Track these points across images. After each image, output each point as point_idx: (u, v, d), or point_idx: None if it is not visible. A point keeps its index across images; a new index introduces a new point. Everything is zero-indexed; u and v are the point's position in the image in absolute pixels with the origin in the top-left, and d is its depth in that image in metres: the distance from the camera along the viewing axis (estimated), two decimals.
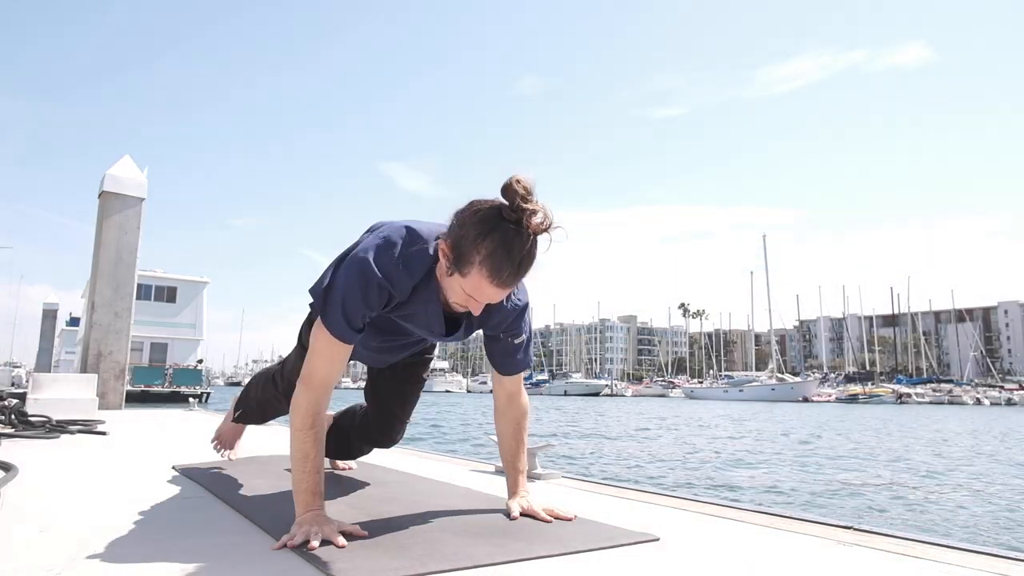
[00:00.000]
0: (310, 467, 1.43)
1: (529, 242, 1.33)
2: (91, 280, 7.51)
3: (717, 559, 1.32)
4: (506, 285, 1.36)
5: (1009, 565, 1.31)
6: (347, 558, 1.23)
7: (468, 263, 1.35)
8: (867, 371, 62.93)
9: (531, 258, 1.36)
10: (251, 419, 2.37)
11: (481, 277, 1.35)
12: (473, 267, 1.34)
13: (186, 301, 31.64)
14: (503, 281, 1.35)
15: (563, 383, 68.54)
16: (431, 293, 1.52)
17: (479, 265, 1.34)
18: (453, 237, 1.38)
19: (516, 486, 1.71)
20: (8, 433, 3.59)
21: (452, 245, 1.38)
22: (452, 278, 1.41)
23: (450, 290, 1.45)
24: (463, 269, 1.36)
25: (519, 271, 1.35)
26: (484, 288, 1.36)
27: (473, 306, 1.43)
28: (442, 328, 1.59)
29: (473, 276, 1.35)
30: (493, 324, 1.62)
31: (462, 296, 1.42)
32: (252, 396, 2.26)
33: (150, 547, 1.32)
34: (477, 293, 1.38)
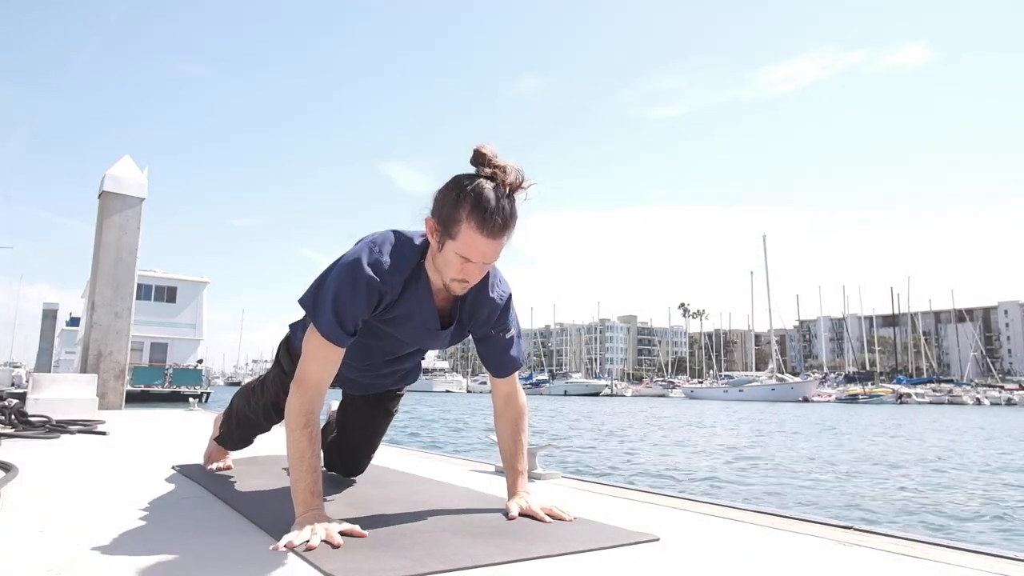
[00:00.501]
0: (306, 466, 1.43)
1: (507, 194, 1.41)
2: (91, 280, 7.51)
3: (717, 559, 1.32)
4: (496, 235, 1.40)
5: (1009, 565, 1.31)
6: (347, 558, 1.23)
7: (456, 222, 1.40)
8: (867, 371, 62.91)
9: (513, 210, 1.43)
10: (231, 442, 2.31)
11: (471, 230, 1.39)
12: (461, 224, 1.40)
13: (186, 301, 31.64)
14: (493, 230, 1.39)
15: (563, 383, 68.53)
16: (423, 287, 1.54)
17: (466, 220, 1.39)
18: (437, 209, 1.45)
19: (516, 486, 1.71)
20: (8, 433, 3.59)
21: (437, 216, 1.45)
22: (444, 250, 1.45)
23: (445, 265, 1.47)
24: (452, 230, 1.41)
25: (506, 221, 1.41)
26: (477, 242, 1.40)
27: (471, 271, 1.45)
28: (437, 323, 1.60)
29: (463, 233, 1.40)
30: (483, 319, 1.64)
31: (457, 265, 1.44)
32: (235, 413, 2.22)
33: (150, 547, 1.32)
34: (471, 251, 1.41)
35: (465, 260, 1.44)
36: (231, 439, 2.30)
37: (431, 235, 1.48)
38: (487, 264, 1.47)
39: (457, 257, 1.43)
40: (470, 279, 1.48)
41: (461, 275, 1.46)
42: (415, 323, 1.60)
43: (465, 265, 1.44)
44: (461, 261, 1.44)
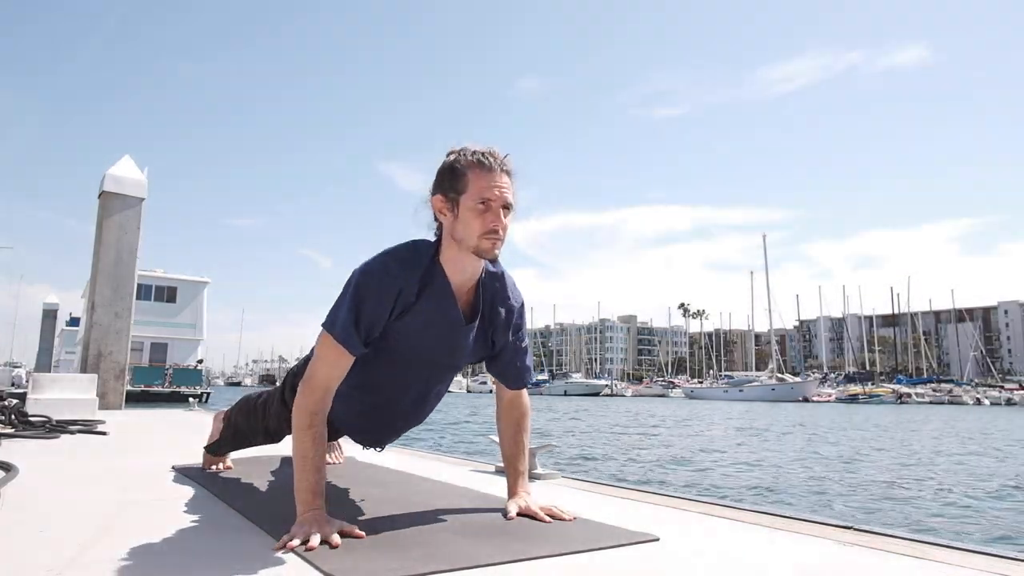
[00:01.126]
0: (310, 466, 1.43)
1: None
2: (91, 280, 7.51)
3: (717, 559, 1.32)
4: (502, 167, 1.46)
5: (1009, 565, 1.31)
6: (347, 558, 1.23)
7: (459, 176, 1.45)
8: (867, 371, 62.93)
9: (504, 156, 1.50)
10: (223, 450, 2.31)
11: (480, 174, 1.44)
12: (468, 174, 1.44)
13: (186, 301, 31.64)
14: (495, 164, 1.45)
15: (563, 383, 68.49)
16: (441, 283, 1.51)
17: (469, 168, 1.44)
18: (437, 184, 1.49)
19: (516, 487, 1.71)
20: (8, 433, 3.59)
21: (440, 187, 1.48)
22: (460, 211, 1.45)
23: (467, 228, 1.45)
24: (459, 185, 1.45)
25: (503, 158, 1.47)
26: (489, 183, 1.43)
27: (495, 219, 1.44)
28: (460, 317, 1.55)
29: (472, 180, 1.44)
30: (503, 318, 1.63)
31: (479, 218, 1.43)
32: (233, 425, 2.20)
33: (150, 547, 1.32)
34: (487, 190, 1.43)
35: (485, 207, 1.43)
36: (224, 447, 2.30)
37: (442, 211, 1.48)
38: (507, 207, 1.46)
39: (475, 207, 1.43)
40: (498, 227, 1.45)
41: (488, 226, 1.44)
42: (438, 322, 1.54)
43: (486, 213, 1.43)
44: (481, 210, 1.43)
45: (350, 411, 1.71)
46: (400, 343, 1.54)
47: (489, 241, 1.45)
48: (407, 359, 1.60)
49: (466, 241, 1.46)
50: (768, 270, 58.62)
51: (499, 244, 1.47)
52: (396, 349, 1.56)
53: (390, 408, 1.73)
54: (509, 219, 1.48)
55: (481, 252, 1.47)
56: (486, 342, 1.65)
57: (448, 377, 1.74)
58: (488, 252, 1.47)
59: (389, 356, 1.58)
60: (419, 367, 1.63)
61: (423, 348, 1.57)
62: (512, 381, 1.74)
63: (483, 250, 1.46)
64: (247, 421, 2.11)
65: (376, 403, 1.71)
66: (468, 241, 1.46)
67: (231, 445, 2.26)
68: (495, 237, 1.45)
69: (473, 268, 1.54)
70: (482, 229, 1.44)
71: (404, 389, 1.68)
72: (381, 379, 1.64)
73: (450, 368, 1.69)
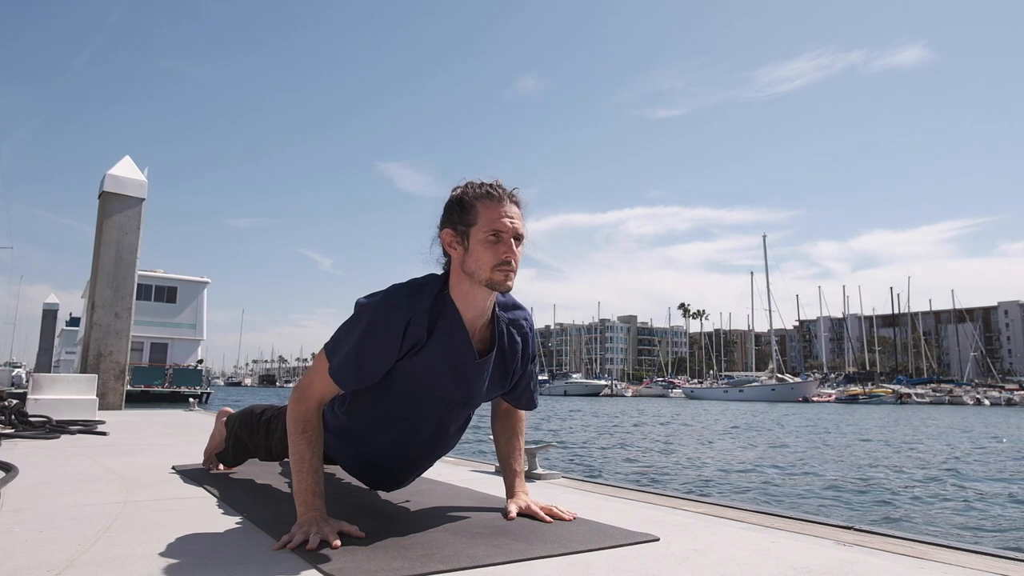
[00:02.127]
0: (307, 468, 1.43)
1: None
2: (91, 280, 7.51)
3: (717, 559, 1.32)
4: (511, 198, 1.45)
5: (1009, 565, 1.31)
6: (347, 558, 1.23)
7: (469, 209, 1.43)
8: (867, 371, 62.90)
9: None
10: (226, 461, 2.32)
11: (489, 205, 1.43)
12: (476, 206, 1.43)
13: (186, 301, 31.63)
14: (505, 196, 1.44)
15: (563, 383, 68.52)
16: (455, 319, 1.47)
17: (480, 201, 1.43)
18: (446, 218, 1.47)
19: (514, 487, 1.72)
20: (8, 433, 3.59)
21: (449, 221, 1.46)
22: (471, 245, 1.42)
23: (478, 261, 1.42)
24: (469, 218, 1.43)
25: (512, 190, 1.47)
26: (499, 213, 1.42)
27: (507, 250, 1.41)
28: (474, 353, 1.50)
29: (482, 211, 1.42)
30: (519, 347, 1.61)
31: (491, 250, 1.41)
32: (236, 437, 2.18)
33: (150, 547, 1.32)
34: (498, 221, 1.41)
35: (496, 238, 1.41)
36: (227, 459, 2.31)
37: (452, 245, 1.45)
38: (518, 237, 1.44)
39: (486, 239, 1.40)
40: (511, 259, 1.42)
41: (500, 258, 1.41)
42: (451, 358, 1.48)
43: (498, 245, 1.41)
44: (492, 242, 1.40)
45: (364, 452, 1.67)
46: (413, 381, 1.50)
47: (502, 273, 1.42)
48: (421, 397, 1.55)
49: (478, 274, 1.42)
50: (768, 270, 58.70)
51: (512, 276, 1.44)
52: (409, 388, 1.52)
53: (405, 448, 1.66)
54: (521, 250, 1.46)
55: (494, 285, 1.43)
56: (504, 376, 1.61)
57: (464, 415, 1.67)
58: (501, 284, 1.43)
59: (403, 395, 1.54)
60: (434, 406, 1.57)
61: (437, 386, 1.52)
62: (525, 405, 1.75)
63: (496, 282, 1.42)
64: (250, 437, 2.11)
65: (391, 442, 1.64)
66: (480, 274, 1.42)
67: (233, 456, 2.27)
68: (508, 268, 1.42)
69: (485, 302, 1.50)
70: (494, 261, 1.41)
71: (418, 428, 1.62)
72: (395, 418, 1.59)
73: (466, 406, 1.62)
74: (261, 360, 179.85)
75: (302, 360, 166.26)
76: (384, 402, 1.55)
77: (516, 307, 1.62)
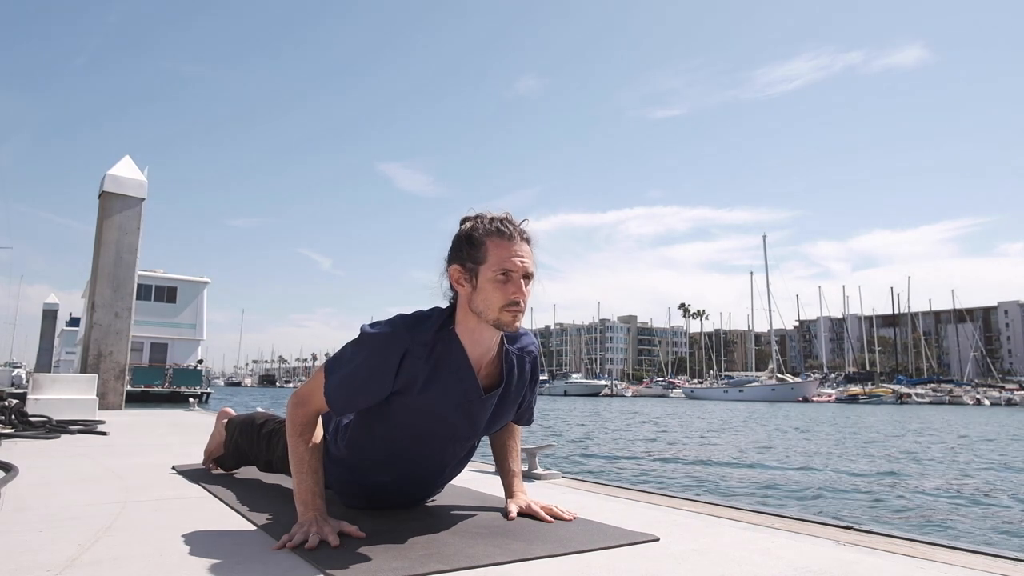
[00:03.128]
0: (307, 469, 1.44)
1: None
2: (91, 280, 7.51)
3: (717, 559, 1.32)
4: (521, 236, 1.42)
5: (1009, 565, 1.31)
6: (347, 558, 1.23)
7: (478, 246, 1.40)
8: (867, 371, 62.86)
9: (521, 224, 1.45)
10: (225, 466, 2.33)
11: (499, 243, 1.40)
12: (486, 243, 1.40)
13: (186, 301, 31.64)
14: (515, 233, 1.41)
15: (563, 383, 68.52)
16: (459, 355, 1.45)
17: (488, 238, 1.40)
18: (454, 254, 1.44)
19: (513, 487, 1.72)
20: (8, 433, 3.59)
21: (458, 258, 1.43)
22: (479, 283, 1.39)
23: (487, 301, 1.39)
24: (478, 255, 1.40)
25: (522, 226, 1.43)
26: (509, 252, 1.39)
27: (516, 289, 1.39)
28: (479, 390, 1.48)
29: (491, 250, 1.39)
30: (528, 379, 1.61)
31: (500, 289, 1.38)
32: (236, 444, 2.18)
33: (150, 547, 1.32)
34: (508, 261, 1.39)
35: (505, 278, 1.38)
36: (227, 463, 2.31)
37: (459, 282, 1.43)
38: (528, 276, 1.41)
39: (495, 279, 1.38)
40: (519, 298, 1.39)
41: (509, 298, 1.38)
42: (455, 394, 1.47)
43: (507, 284, 1.38)
44: (502, 282, 1.38)
45: (366, 487, 1.65)
46: (417, 416, 1.48)
47: (510, 314, 1.39)
48: (425, 433, 1.53)
49: (486, 313, 1.40)
50: (768, 270, 58.66)
51: (520, 316, 1.42)
52: (413, 423, 1.50)
53: (407, 483, 1.65)
54: (530, 288, 1.43)
55: (501, 325, 1.41)
56: (513, 405, 1.60)
57: (468, 446, 1.65)
58: (509, 325, 1.41)
59: (407, 431, 1.52)
60: (438, 441, 1.56)
61: (441, 421, 1.50)
62: (525, 422, 1.76)
63: (504, 323, 1.40)
64: (250, 447, 2.11)
65: (394, 478, 1.63)
66: (488, 314, 1.40)
67: (232, 463, 2.28)
68: (516, 309, 1.40)
69: (492, 340, 1.48)
70: (503, 301, 1.38)
71: (422, 463, 1.60)
72: (398, 453, 1.57)
73: (469, 439, 1.61)
74: (261, 360, 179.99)
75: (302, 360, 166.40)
76: (387, 437, 1.53)
77: (522, 334, 1.59)
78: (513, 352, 1.56)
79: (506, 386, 1.54)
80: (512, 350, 1.56)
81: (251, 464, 2.17)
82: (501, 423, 1.63)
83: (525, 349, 1.59)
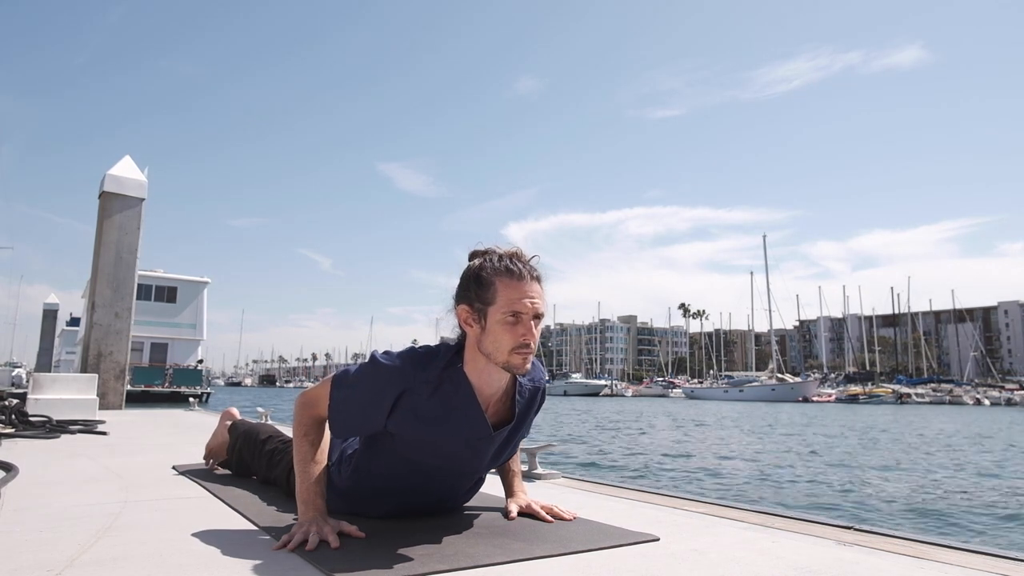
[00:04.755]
0: (309, 468, 1.45)
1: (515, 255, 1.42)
2: (91, 280, 7.51)
3: (717, 559, 1.32)
4: (531, 276, 1.39)
5: (1009, 565, 1.31)
6: (347, 558, 1.23)
7: (488, 286, 1.37)
8: (867, 371, 62.84)
9: (531, 262, 1.42)
10: (228, 468, 2.34)
11: (508, 284, 1.36)
12: (494, 285, 1.37)
13: (186, 301, 31.63)
14: (525, 273, 1.38)
15: (563, 383, 68.45)
16: (467, 394, 1.43)
17: (498, 278, 1.37)
18: (462, 294, 1.41)
19: (512, 487, 1.72)
20: (8, 433, 3.59)
21: (466, 298, 1.40)
22: (488, 324, 1.37)
23: (496, 343, 1.37)
24: (487, 296, 1.37)
25: (532, 265, 1.41)
26: (519, 294, 1.36)
27: (526, 331, 1.36)
28: (488, 429, 1.46)
29: (500, 290, 1.36)
30: (536, 408, 1.60)
31: (510, 331, 1.36)
32: (237, 452, 2.20)
33: (150, 547, 1.32)
34: (517, 302, 1.36)
35: (515, 319, 1.36)
36: (231, 468, 2.32)
37: (468, 323, 1.40)
38: (538, 317, 1.39)
39: (505, 321, 1.35)
40: (530, 340, 1.37)
41: (519, 340, 1.36)
42: (463, 432, 1.45)
43: (517, 326, 1.36)
44: (511, 323, 1.35)
45: (371, 513, 1.60)
46: (422, 450, 1.47)
47: (520, 356, 1.37)
48: (429, 466, 1.51)
49: (495, 356, 1.38)
50: (768, 270, 58.70)
51: (530, 358, 1.40)
52: (419, 457, 1.48)
53: (406, 513, 1.62)
54: (540, 328, 1.41)
55: (511, 368, 1.38)
56: (517, 441, 1.59)
57: (473, 480, 1.64)
58: (519, 368, 1.38)
59: (411, 464, 1.50)
60: (442, 474, 1.55)
61: (446, 456, 1.49)
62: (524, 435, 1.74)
63: (514, 366, 1.38)
64: (251, 460, 2.12)
65: (393, 506, 1.60)
66: (497, 356, 1.37)
67: (235, 470, 2.29)
68: (527, 351, 1.37)
69: (501, 380, 1.45)
70: (513, 343, 1.36)
71: (423, 495, 1.58)
72: (400, 483, 1.55)
73: (476, 473, 1.61)
74: (261, 360, 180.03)
75: (302, 360, 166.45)
76: (391, 467, 1.51)
77: (534, 367, 1.55)
78: (526, 387, 1.53)
79: (516, 423, 1.53)
80: (524, 383, 1.53)
81: (252, 475, 2.18)
82: (508, 456, 1.62)
83: (536, 380, 1.56)
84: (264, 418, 5.09)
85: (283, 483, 1.86)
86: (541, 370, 1.60)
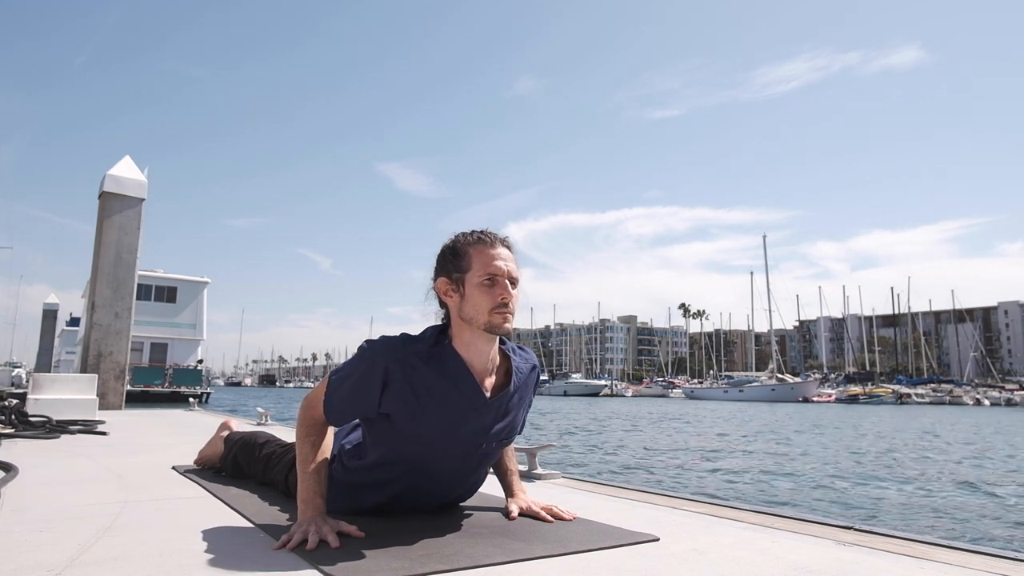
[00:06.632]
0: (310, 468, 1.45)
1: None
2: (91, 280, 7.51)
3: (717, 559, 1.32)
4: (502, 243, 1.49)
5: (1009, 565, 1.31)
6: (347, 558, 1.23)
7: (463, 256, 1.46)
8: (867, 371, 62.79)
9: None
10: (228, 473, 2.34)
11: (482, 250, 1.45)
12: (469, 252, 1.46)
13: (186, 301, 31.62)
14: (496, 241, 1.47)
15: (563, 383, 68.45)
16: (458, 366, 1.46)
17: (474, 248, 1.46)
18: (440, 268, 1.49)
19: (512, 487, 1.72)
20: (8, 433, 3.59)
21: (443, 270, 1.48)
22: (467, 291, 1.44)
23: (476, 306, 1.43)
24: (463, 264, 1.45)
25: (503, 237, 1.50)
26: (492, 257, 1.45)
27: (503, 292, 1.42)
28: (483, 397, 1.48)
29: (475, 256, 1.45)
30: (533, 379, 1.62)
31: (487, 293, 1.42)
32: (234, 457, 2.20)
33: (150, 547, 1.32)
34: (491, 265, 1.44)
35: (492, 281, 1.42)
36: (227, 472, 2.32)
37: (447, 294, 1.47)
38: (514, 278, 1.46)
39: (482, 284, 1.42)
40: (508, 300, 1.43)
41: (497, 300, 1.42)
42: (459, 405, 1.46)
43: (494, 288, 1.42)
44: (488, 286, 1.42)
45: (379, 501, 1.60)
46: (425, 423, 1.46)
47: (500, 315, 1.42)
48: (433, 446, 1.50)
49: (476, 319, 1.43)
50: (768, 270, 58.64)
51: (510, 318, 1.45)
52: (420, 436, 1.47)
53: (407, 500, 1.61)
54: (516, 293, 1.47)
55: (492, 328, 1.43)
56: (520, 413, 1.60)
57: (477, 461, 1.60)
58: (499, 327, 1.43)
59: (415, 444, 1.49)
60: (447, 455, 1.53)
61: (449, 426, 1.48)
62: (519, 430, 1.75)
63: (494, 325, 1.43)
64: (247, 464, 2.12)
65: (396, 492, 1.59)
66: (478, 319, 1.43)
67: (231, 472, 2.28)
68: (505, 311, 1.43)
69: (489, 349, 1.49)
70: (491, 304, 1.42)
71: (432, 477, 1.57)
72: (403, 472, 1.55)
73: (484, 454, 1.58)
74: (261, 360, 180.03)
75: (302, 360, 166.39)
76: (394, 457, 1.51)
77: (522, 349, 1.63)
78: (522, 366, 1.59)
79: (516, 393, 1.55)
80: (519, 362, 1.58)
81: (248, 478, 2.17)
82: (513, 431, 1.60)
83: (529, 360, 1.62)
84: (264, 418, 5.10)
85: (281, 483, 1.87)
86: (530, 352, 1.65)
